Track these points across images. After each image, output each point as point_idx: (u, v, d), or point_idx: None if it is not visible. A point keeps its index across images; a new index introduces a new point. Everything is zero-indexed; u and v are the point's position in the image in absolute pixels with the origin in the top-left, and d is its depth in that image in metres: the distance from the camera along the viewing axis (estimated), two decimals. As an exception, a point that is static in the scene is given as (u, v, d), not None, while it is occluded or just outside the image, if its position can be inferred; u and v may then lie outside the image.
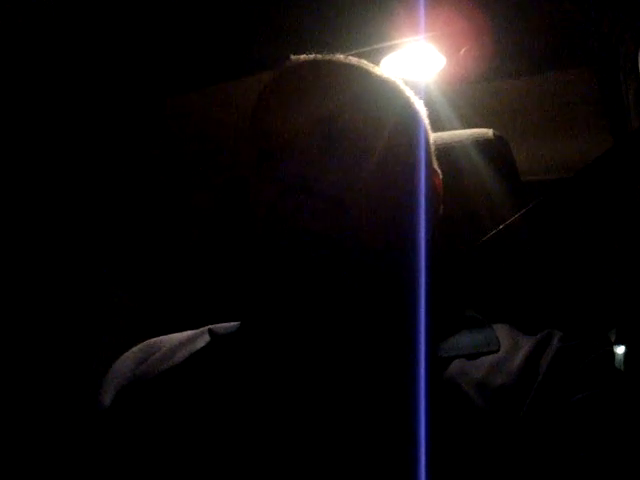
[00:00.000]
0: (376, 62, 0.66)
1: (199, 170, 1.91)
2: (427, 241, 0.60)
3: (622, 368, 1.05)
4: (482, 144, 0.78)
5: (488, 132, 0.80)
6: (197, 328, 0.67)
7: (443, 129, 0.80)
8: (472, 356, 0.54)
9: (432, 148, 0.68)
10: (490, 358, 0.54)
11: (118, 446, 0.55)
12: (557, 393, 0.50)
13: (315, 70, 0.61)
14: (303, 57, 0.63)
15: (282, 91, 0.61)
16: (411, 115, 0.65)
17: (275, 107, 0.61)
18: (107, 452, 0.56)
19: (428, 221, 0.60)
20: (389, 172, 0.59)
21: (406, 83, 0.67)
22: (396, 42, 1.39)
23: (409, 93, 0.66)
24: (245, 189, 0.63)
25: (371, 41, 1.34)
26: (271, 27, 1.36)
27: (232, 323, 0.66)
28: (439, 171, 0.68)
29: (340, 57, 0.63)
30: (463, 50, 1.39)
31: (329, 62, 0.63)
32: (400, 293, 0.58)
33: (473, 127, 0.82)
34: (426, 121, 0.68)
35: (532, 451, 0.47)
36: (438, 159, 0.69)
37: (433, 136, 0.69)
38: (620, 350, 1.08)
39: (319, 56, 0.63)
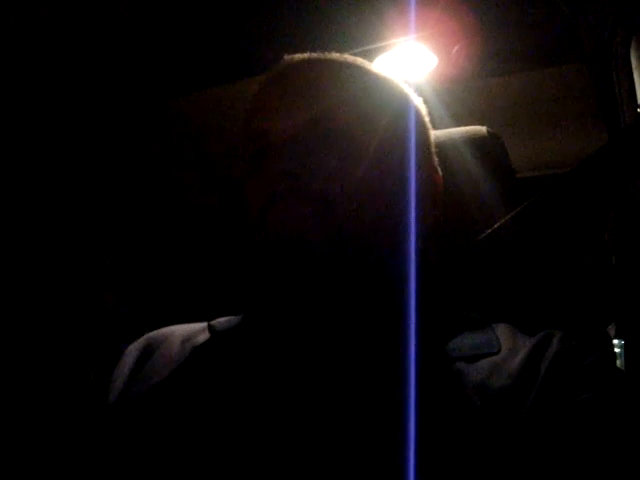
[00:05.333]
0: (368, 63, 0.66)
1: (197, 172, 1.91)
2: (422, 241, 0.60)
3: (622, 363, 1.05)
4: (476, 142, 0.78)
5: (482, 129, 0.79)
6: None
7: (436, 128, 0.80)
8: (473, 358, 0.54)
9: (432, 146, 0.67)
10: (490, 360, 0.53)
11: (124, 441, 0.55)
12: (558, 395, 0.49)
13: (310, 69, 0.61)
14: (297, 56, 0.63)
15: (276, 91, 0.61)
16: (407, 113, 0.64)
17: (269, 107, 0.60)
18: (112, 448, 0.56)
19: (422, 220, 0.60)
20: (382, 171, 0.58)
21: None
22: (388, 43, 1.40)
23: (407, 91, 0.66)
24: (240, 190, 0.63)
25: (363, 42, 1.34)
26: (265, 30, 1.36)
27: (229, 318, 0.66)
28: (439, 168, 0.67)
29: (336, 55, 0.63)
30: (455, 49, 1.39)
31: (324, 61, 0.62)
32: (390, 294, 0.58)
33: (467, 125, 0.81)
34: (426, 118, 0.67)
35: (534, 452, 0.47)
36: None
37: None
38: (619, 345, 1.08)
39: (314, 55, 0.62)
